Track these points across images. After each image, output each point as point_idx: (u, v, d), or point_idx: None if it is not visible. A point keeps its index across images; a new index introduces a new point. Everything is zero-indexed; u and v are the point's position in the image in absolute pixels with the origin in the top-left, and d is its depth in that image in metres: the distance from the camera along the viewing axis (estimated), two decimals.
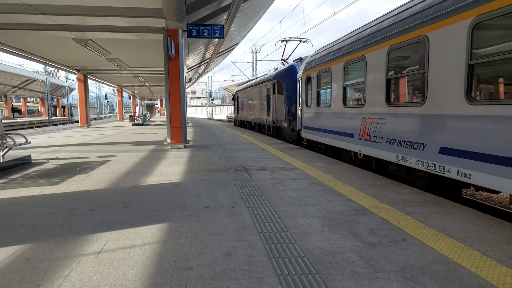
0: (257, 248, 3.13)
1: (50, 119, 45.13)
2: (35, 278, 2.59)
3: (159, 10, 9.83)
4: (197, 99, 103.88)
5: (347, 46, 8.12)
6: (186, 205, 4.51)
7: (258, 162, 8.04)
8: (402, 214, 4.04)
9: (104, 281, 2.54)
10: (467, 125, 4.39)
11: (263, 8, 14.03)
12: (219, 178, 6.28)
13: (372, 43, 6.86)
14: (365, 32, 7.44)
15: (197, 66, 26.47)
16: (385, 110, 6.41)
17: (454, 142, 4.61)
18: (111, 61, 18.67)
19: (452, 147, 4.65)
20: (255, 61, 38.82)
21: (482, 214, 4.00)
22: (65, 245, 3.21)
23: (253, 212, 4.17)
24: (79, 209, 4.39)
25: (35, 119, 47.89)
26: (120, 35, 12.07)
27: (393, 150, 6.14)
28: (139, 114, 36.42)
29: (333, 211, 4.21)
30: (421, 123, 5.36)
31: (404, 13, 6.01)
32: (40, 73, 45.99)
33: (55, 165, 7.78)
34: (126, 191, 5.35)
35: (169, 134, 11.07)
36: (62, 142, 13.42)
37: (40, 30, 11.49)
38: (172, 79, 10.70)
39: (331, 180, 5.94)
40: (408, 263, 2.79)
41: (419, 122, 5.43)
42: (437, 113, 4.96)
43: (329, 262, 2.83)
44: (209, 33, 10.66)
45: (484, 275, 2.58)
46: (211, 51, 19.16)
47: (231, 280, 2.55)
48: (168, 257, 2.95)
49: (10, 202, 4.74)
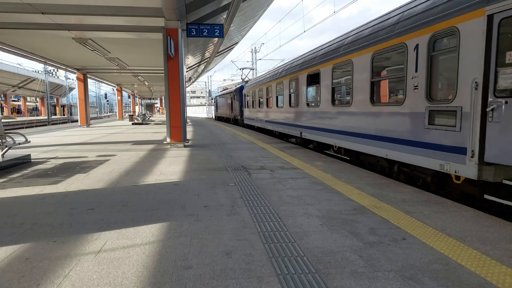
0: (256, 247, 3.13)
1: (50, 118, 45.08)
2: (35, 277, 2.59)
3: (159, 9, 9.82)
4: (196, 99, 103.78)
5: (261, 80, 17.49)
6: (185, 204, 4.51)
7: (258, 161, 8.04)
8: (402, 213, 4.04)
9: (103, 280, 2.54)
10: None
11: (262, 7, 14.01)
12: (219, 177, 6.28)
13: (282, 76, 13.36)
14: (270, 73, 16.18)
15: (196, 65, 26.44)
16: (284, 109, 13.44)
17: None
18: (111, 60, 18.66)
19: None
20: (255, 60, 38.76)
21: (481, 214, 4.01)
22: (64, 244, 3.21)
23: (252, 211, 4.17)
24: (79, 208, 4.39)
25: (34, 118, 47.86)
26: (120, 34, 12.05)
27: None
28: (138, 114, 36.37)
29: (333, 210, 4.21)
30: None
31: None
32: (40, 72, 45.95)
33: (54, 165, 7.77)
34: (125, 190, 5.35)
35: (169, 134, 11.07)
36: (62, 141, 13.41)
37: (40, 30, 11.47)
38: (172, 79, 10.69)
39: (330, 179, 5.94)
40: (407, 262, 2.80)
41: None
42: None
43: (329, 261, 2.83)
44: (208, 32, 10.64)
45: (484, 275, 2.58)
46: (211, 50, 19.15)
47: (230, 279, 2.55)
48: (168, 256, 2.95)
49: (10, 201, 4.74)
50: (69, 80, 54.13)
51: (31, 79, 46.32)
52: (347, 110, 8.04)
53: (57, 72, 57.21)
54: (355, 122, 7.66)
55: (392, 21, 6.37)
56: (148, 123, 28.01)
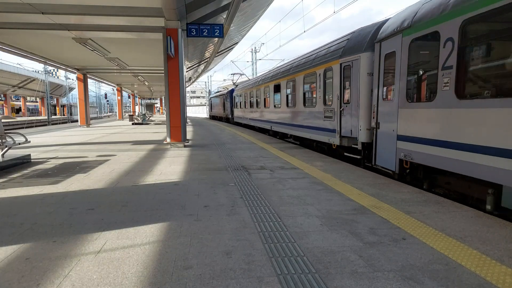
0: (256, 247, 3.13)
1: (50, 118, 45.08)
2: (35, 277, 2.59)
3: (159, 9, 9.82)
4: (196, 99, 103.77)
5: (246, 86, 21.31)
6: (185, 204, 4.51)
7: (258, 161, 8.04)
8: (402, 213, 4.04)
9: (103, 281, 2.54)
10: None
11: (262, 7, 14.00)
12: (219, 177, 6.28)
13: (259, 84, 17.53)
14: (252, 81, 20.74)
15: (196, 65, 26.44)
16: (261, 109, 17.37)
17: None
18: (111, 60, 18.65)
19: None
20: (255, 60, 38.74)
21: (481, 213, 4.01)
22: (64, 244, 3.21)
23: (252, 211, 4.17)
24: (79, 208, 4.39)
25: (34, 118, 47.85)
26: (120, 34, 12.04)
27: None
28: (138, 113, 36.39)
29: (333, 210, 4.21)
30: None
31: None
32: (40, 72, 45.94)
33: (54, 164, 7.77)
34: (125, 190, 5.35)
35: (169, 134, 11.06)
36: (62, 141, 13.41)
37: (40, 30, 11.46)
38: (172, 78, 10.69)
39: (330, 179, 5.94)
40: (407, 262, 2.80)
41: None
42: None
43: (329, 261, 2.83)
44: (208, 32, 10.65)
45: (484, 274, 2.58)
46: (211, 50, 19.14)
47: (230, 279, 2.55)
48: (168, 256, 2.95)
49: (10, 201, 4.74)
50: (69, 80, 54.11)
51: (31, 79, 46.30)
52: (293, 110, 12.18)
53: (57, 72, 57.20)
54: (298, 118, 11.69)
55: (311, 58, 10.64)
56: (148, 123, 28.01)
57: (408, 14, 5.91)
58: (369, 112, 7.48)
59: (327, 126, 9.17)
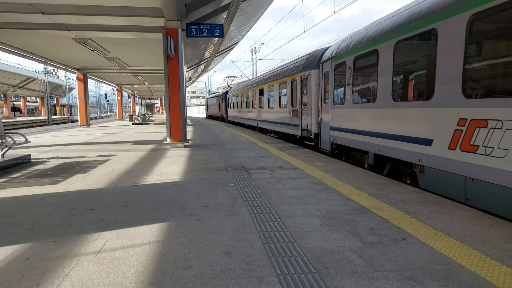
0: (256, 247, 3.13)
1: (50, 118, 45.08)
2: (35, 278, 2.59)
3: (159, 9, 9.82)
4: (196, 99, 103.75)
5: (238, 88, 25.34)
6: (185, 204, 4.51)
7: (258, 161, 8.04)
8: (402, 213, 4.04)
9: (103, 281, 2.54)
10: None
11: (263, 7, 14.00)
12: (219, 177, 6.28)
13: (248, 88, 21.19)
14: (242, 84, 24.70)
15: (196, 65, 26.44)
16: (257, 109, 19.50)
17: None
18: (111, 60, 18.65)
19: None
20: (255, 60, 38.75)
21: (481, 214, 4.01)
22: (64, 244, 3.21)
23: (252, 211, 4.18)
24: (79, 208, 4.39)
25: (34, 118, 47.84)
26: (120, 34, 12.05)
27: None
28: (138, 114, 36.40)
29: (333, 210, 4.21)
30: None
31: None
32: (40, 72, 45.95)
33: (54, 165, 7.77)
34: (125, 190, 5.35)
35: (169, 134, 11.06)
36: (62, 141, 13.41)
37: (40, 30, 11.47)
38: (172, 78, 10.69)
39: (330, 179, 5.94)
40: (407, 262, 2.80)
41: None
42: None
43: (329, 261, 2.83)
44: (208, 32, 10.64)
45: (484, 275, 2.58)
46: (211, 50, 19.15)
47: (230, 279, 2.55)
48: (168, 256, 2.95)
49: (10, 201, 4.74)
50: (69, 80, 54.12)
51: (31, 79, 46.30)
52: (272, 110, 15.42)
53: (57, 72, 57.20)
54: (275, 116, 14.82)
55: (284, 70, 13.80)
56: (148, 123, 28.01)
57: (335, 47, 9.15)
58: (317, 111, 10.56)
59: (294, 122, 12.29)
